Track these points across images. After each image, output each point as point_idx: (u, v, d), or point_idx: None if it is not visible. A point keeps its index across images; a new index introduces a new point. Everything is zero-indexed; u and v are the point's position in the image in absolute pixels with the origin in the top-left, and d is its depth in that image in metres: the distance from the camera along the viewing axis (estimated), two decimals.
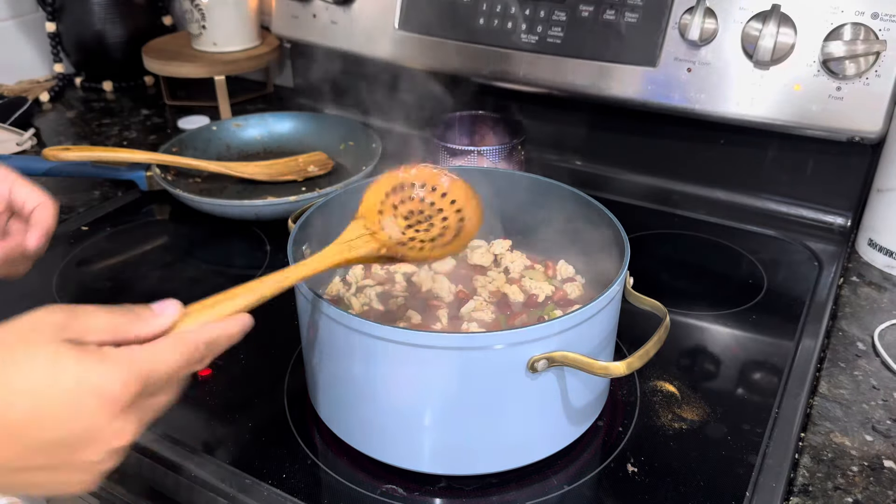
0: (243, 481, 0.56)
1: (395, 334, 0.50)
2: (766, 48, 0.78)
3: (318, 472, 0.57)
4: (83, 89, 1.34)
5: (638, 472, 0.56)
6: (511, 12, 0.92)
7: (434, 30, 0.98)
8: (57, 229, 0.90)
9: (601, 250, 0.64)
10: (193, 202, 0.88)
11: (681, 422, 0.61)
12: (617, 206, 0.64)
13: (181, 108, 1.25)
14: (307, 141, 1.06)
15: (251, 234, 0.89)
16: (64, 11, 1.29)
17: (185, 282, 0.81)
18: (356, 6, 1.04)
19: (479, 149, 0.87)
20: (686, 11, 0.82)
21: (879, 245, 0.81)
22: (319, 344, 0.56)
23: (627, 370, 0.50)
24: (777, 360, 0.68)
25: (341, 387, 0.56)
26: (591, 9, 0.88)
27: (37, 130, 1.17)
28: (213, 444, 0.59)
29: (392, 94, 1.13)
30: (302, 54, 1.21)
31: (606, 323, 0.55)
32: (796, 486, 0.55)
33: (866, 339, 0.70)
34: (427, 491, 0.55)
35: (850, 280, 0.80)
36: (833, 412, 0.62)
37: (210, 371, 0.67)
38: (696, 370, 0.67)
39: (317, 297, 0.52)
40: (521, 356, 0.50)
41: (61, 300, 0.77)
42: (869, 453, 0.58)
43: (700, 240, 0.88)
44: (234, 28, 1.18)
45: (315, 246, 0.66)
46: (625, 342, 0.66)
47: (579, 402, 0.55)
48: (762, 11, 0.78)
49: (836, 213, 0.88)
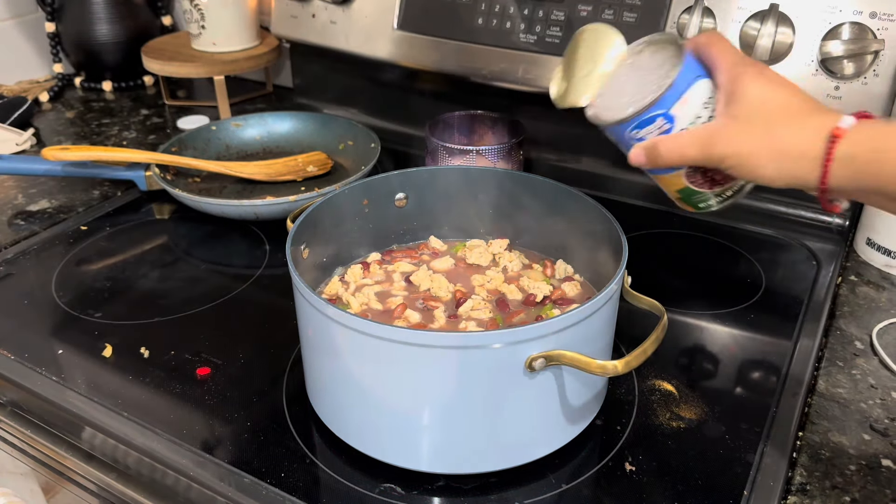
0: (242, 480, 0.56)
1: (394, 333, 0.50)
2: (765, 48, 0.78)
3: (316, 471, 0.57)
4: (83, 89, 1.34)
5: (636, 471, 0.57)
6: (510, 12, 0.92)
7: (433, 30, 0.98)
8: (56, 229, 0.90)
9: (599, 249, 0.64)
10: (193, 202, 0.89)
11: (679, 421, 0.61)
12: (615, 206, 0.64)
13: (180, 108, 1.26)
14: (306, 141, 1.07)
15: (250, 233, 0.89)
16: (64, 11, 1.29)
17: (185, 281, 0.81)
18: (355, 6, 1.04)
19: (477, 148, 0.87)
20: (684, 11, 0.82)
21: (878, 244, 0.81)
22: (318, 343, 0.56)
23: (625, 369, 0.50)
24: (775, 359, 0.68)
25: (340, 386, 0.56)
26: (589, 8, 0.88)
27: (36, 130, 1.17)
28: (212, 443, 0.59)
29: (391, 93, 1.13)
30: (301, 54, 1.21)
31: (604, 322, 0.55)
32: (794, 485, 0.55)
33: (864, 339, 0.71)
34: (425, 490, 0.55)
35: (849, 279, 0.80)
36: (831, 411, 0.62)
37: (209, 370, 0.67)
38: (694, 369, 0.67)
39: (316, 297, 0.53)
40: (518, 355, 0.50)
41: (61, 300, 0.77)
42: (867, 452, 0.58)
43: (698, 239, 0.88)
44: (234, 28, 1.18)
45: (314, 245, 0.66)
46: (623, 341, 0.66)
47: (577, 400, 0.56)
48: (760, 11, 0.78)
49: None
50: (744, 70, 0.52)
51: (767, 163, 0.50)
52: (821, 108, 0.51)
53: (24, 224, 0.91)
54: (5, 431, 0.69)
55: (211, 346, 0.70)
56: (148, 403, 0.63)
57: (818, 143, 0.48)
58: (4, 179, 1.01)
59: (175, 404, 0.64)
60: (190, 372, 0.67)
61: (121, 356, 0.69)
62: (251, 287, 0.80)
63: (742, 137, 0.51)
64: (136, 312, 0.75)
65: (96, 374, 0.67)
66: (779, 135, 0.50)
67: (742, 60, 0.53)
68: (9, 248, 0.87)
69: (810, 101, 0.51)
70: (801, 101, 0.51)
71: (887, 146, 0.46)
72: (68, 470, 0.66)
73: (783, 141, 0.50)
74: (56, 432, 0.65)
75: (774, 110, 0.50)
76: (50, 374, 0.67)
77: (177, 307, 0.76)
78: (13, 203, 0.96)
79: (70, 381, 0.66)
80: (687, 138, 0.53)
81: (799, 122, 0.50)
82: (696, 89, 0.54)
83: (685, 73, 0.53)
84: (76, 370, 0.68)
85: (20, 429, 0.67)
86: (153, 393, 0.65)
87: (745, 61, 0.53)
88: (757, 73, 0.52)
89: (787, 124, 0.50)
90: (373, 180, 0.71)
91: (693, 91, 0.53)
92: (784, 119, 0.50)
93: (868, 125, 0.48)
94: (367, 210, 0.71)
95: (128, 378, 0.66)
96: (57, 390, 0.65)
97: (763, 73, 0.52)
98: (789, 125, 0.50)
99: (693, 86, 0.53)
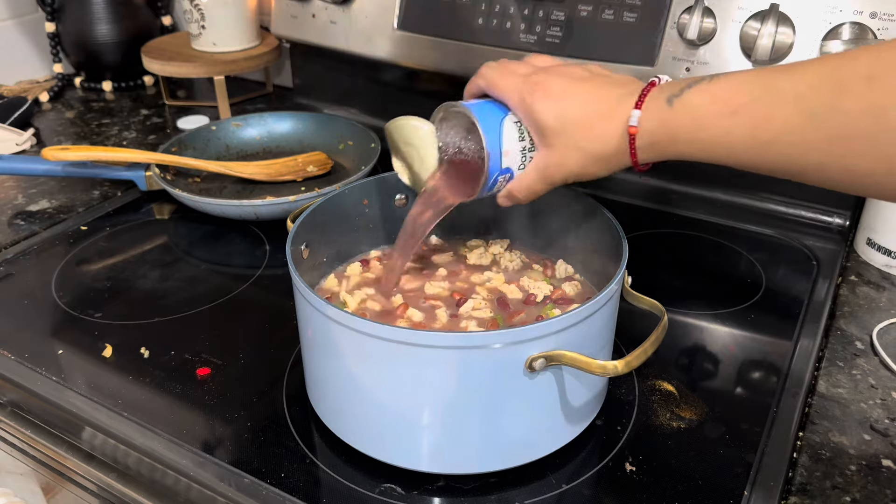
0: (242, 481, 0.56)
1: (394, 333, 0.50)
2: (765, 47, 0.78)
3: (316, 471, 0.57)
4: (83, 89, 1.34)
5: (636, 471, 0.57)
6: (510, 12, 0.92)
7: (433, 30, 0.98)
8: (56, 229, 0.90)
9: (599, 249, 0.64)
10: (193, 202, 0.89)
11: (679, 421, 0.61)
12: (615, 206, 0.64)
13: (180, 108, 1.26)
14: (306, 141, 1.07)
15: (250, 233, 0.89)
16: (63, 11, 1.29)
17: (185, 281, 0.81)
18: (355, 6, 1.04)
19: None
20: (684, 11, 0.82)
21: (878, 244, 0.81)
22: (318, 343, 0.56)
23: (625, 369, 0.50)
24: (775, 360, 0.68)
25: (340, 386, 0.56)
26: (589, 8, 0.88)
27: (36, 130, 1.17)
28: (212, 443, 0.59)
29: (391, 93, 1.13)
30: (301, 54, 1.21)
31: (604, 322, 0.55)
32: (794, 485, 0.55)
33: (865, 339, 0.70)
34: (426, 490, 0.55)
35: (849, 279, 0.80)
36: (831, 411, 0.62)
37: (209, 370, 0.67)
38: (694, 369, 0.67)
39: (316, 297, 0.53)
40: (519, 355, 0.50)
41: (61, 300, 0.77)
42: (867, 452, 0.58)
43: (698, 239, 0.88)
44: (234, 28, 1.18)
45: (314, 245, 0.66)
46: (623, 341, 0.66)
47: (577, 401, 0.56)
48: (761, 11, 0.78)
49: (834, 212, 0.88)
50: (530, 95, 0.55)
51: (596, 169, 0.56)
52: (612, 98, 0.54)
53: (24, 224, 0.91)
54: (5, 431, 0.69)
55: (211, 346, 0.70)
56: (148, 403, 0.63)
57: (622, 143, 0.53)
58: (4, 179, 1.01)
59: (175, 404, 0.64)
60: (190, 372, 0.67)
61: (121, 356, 0.69)
62: (251, 287, 0.80)
63: (565, 160, 0.56)
64: (136, 312, 0.75)
65: (96, 374, 0.67)
66: (590, 149, 0.55)
67: (523, 83, 0.56)
68: (9, 248, 0.87)
69: (602, 98, 0.54)
70: (594, 104, 0.54)
71: (675, 128, 0.51)
72: (68, 470, 0.66)
73: (596, 151, 0.55)
74: (56, 432, 0.65)
75: (575, 128, 0.55)
76: (50, 374, 0.67)
77: (177, 307, 0.76)
78: (13, 203, 0.96)
79: (70, 381, 0.66)
80: (530, 177, 0.59)
81: (599, 130, 0.54)
82: (507, 138, 0.57)
83: (490, 136, 0.57)
84: (76, 370, 0.68)
85: (20, 429, 0.67)
86: (153, 393, 0.65)
87: (526, 83, 0.56)
88: (542, 94, 0.55)
89: (590, 138, 0.54)
90: (373, 180, 0.71)
91: (506, 141, 0.57)
92: (586, 133, 0.55)
93: (655, 109, 0.51)
94: (367, 210, 0.71)
95: (128, 378, 0.66)
96: (57, 390, 0.65)
97: (547, 90, 0.55)
98: (593, 139, 0.54)
99: (503, 137, 0.57)
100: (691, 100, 0.50)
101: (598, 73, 0.57)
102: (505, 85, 0.58)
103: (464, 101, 0.61)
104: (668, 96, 0.51)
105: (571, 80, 0.56)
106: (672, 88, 0.51)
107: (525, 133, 0.58)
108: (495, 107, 0.59)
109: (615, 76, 0.57)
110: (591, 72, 0.57)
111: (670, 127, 0.51)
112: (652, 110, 0.51)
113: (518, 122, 0.58)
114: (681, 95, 0.50)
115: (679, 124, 0.50)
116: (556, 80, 0.56)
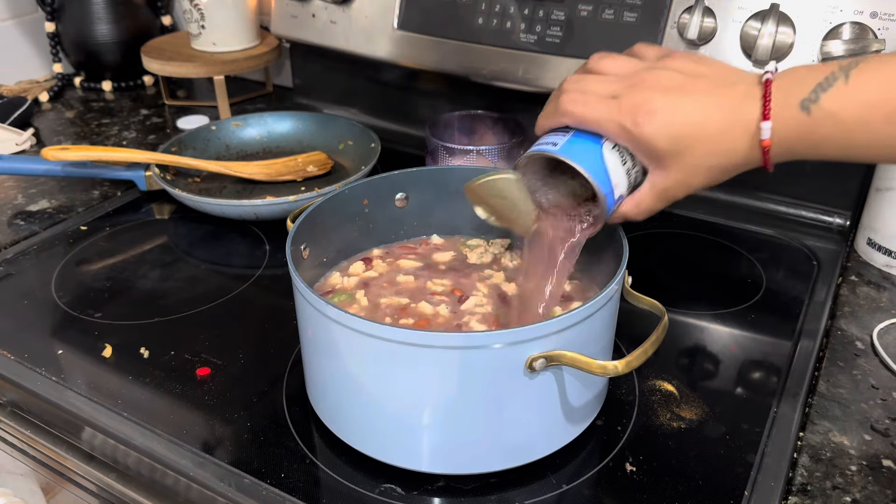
0: (242, 481, 0.56)
1: (394, 334, 0.50)
2: (765, 47, 0.78)
3: (316, 471, 0.57)
4: (82, 89, 1.34)
5: (636, 472, 0.56)
6: (510, 12, 0.92)
7: (433, 29, 0.98)
8: (56, 229, 0.90)
9: (599, 249, 0.64)
10: (192, 202, 0.88)
11: (679, 421, 0.61)
12: None
13: (180, 108, 1.25)
14: (306, 141, 1.07)
15: (250, 233, 0.89)
16: (63, 11, 1.29)
17: (185, 281, 0.81)
18: (355, 6, 1.04)
19: (478, 148, 0.87)
20: (685, 11, 0.82)
21: (878, 244, 0.81)
22: (318, 343, 0.56)
23: (626, 369, 0.50)
24: (776, 360, 0.68)
25: (340, 386, 0.56)
26: (589, 8, 0.88)
27: (36, 130, 1.17)
28: (212, 443, 0.59)
29: (391, 93, 1.13)
30: (301, 54, 1.21)
31: (605, 322, 0.55)
32: (795, 486, 0.55)
33: (865, 339, 0.70)
34: (426, 490, 0.55)
35: (849, 279, 0.80)
36: (832, 411, 0.62)
37: (209, 370, 0.67)
38: (694, 369, 0.67)
39: (316, 297, 0.52)
40: (519, 355, 0.50)
41: (61, 300, 0.77)
42: (868, 452, 0.58)
43: (698, 239, 0.88)
44: (234, 28, 1.18)
45: (314, 245, 0.66)
46: (623, 341, 0.66)
47: (578, 401, 0.56)
48: (761, 10, 0.78)
49: (835, 212, 0.88)
50: (633, 124, 0.50)
51: (722, 178, 0.52)
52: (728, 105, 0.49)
53: (24, 224, 0.91)
54: (5, 431, 0.69)
55: (211, 346, 0.70)
56: (148, 404, 0.63)
57: (751, 154, 0.49)
58: (4, 179, 1.01)
59: (175, 404, 0.63)
60: (190, 372, 0.67)
61: (121, 356, 0.69)
62: (251, 287, 0.80)
63: (689, 179, 0.52)
64: (136, 312, 0.75)
65: (96, 374, 0.67)
66: (714, 164, 0.51)
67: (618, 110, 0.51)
68: (9, 248, 0.87)
69: (716, 106, 0.50)
70: (710, 115, 0.49)
71: (819, 140, 0.47)
72: (68, 470, 0.66)
73: (721, 165, 0.51)
74: (56, 432, 0.65)
75: (693, 146, 0.50)
76: (50, 374, 0.67)
77: (177, 307, 0.76)
78: (13, 203, 0.96)
79: (70, 381, 0.66)
80: (648, 200, 0.55)
81: (722, 144, 0.50)
82: (612, 171, 0.53)
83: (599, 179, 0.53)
84: (76, 370, 0.68)
85: (20, 429, 0.67)
86: (153, 393, 0.65)
87: (621, 110, 0.51)
88: (646, 118, 0.50)
89: (713, 153, 0.50)
90: (373, 180, 0.70)
91: (613, 174, 0.53)
92: (706, 149, 0.50)
93: (788, 119, 0.47)
94: (367, 210, 0.71)
95: (128, 378, 0.66)
96: (57, 390, 0.65)
97: (650, 113, 0.50)
98: (715, 153, 0.50)
99: (609, 172, 0.53)
100: (831, 107, 0.45)
101: (692, 71, 0.51)
102: (597, 118, 0.52)
103: (540, 136, 0.57)
104: (800, 101, 0.46)
105: (670, 92, 0.50)
106: (800, 90, 0.46)
107: (625, 153, 0.54)
108: (585, 139, 0.53)
109: (715, 71, 0.51)
110: (684, 72, 0.51)
111: (813, 139, 0.47)
112: (785, 119, 0.47)
113: (616, 147, 0.53)
114: (818, 101, 0.45)
115: (825, 135, 0.46)
116: (654, 95, 0.50)
